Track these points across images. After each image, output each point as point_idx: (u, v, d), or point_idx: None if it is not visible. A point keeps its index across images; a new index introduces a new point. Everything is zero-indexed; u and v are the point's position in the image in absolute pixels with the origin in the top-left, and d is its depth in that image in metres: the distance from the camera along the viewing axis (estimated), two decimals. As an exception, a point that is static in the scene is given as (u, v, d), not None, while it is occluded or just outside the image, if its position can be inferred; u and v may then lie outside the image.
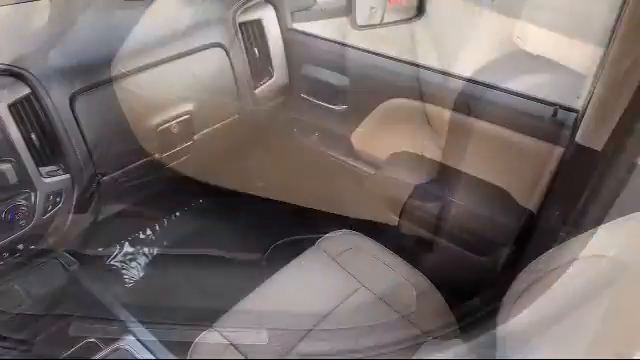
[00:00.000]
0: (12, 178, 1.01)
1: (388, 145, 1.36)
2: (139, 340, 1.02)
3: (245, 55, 1.40)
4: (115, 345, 1.02)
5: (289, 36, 1.50)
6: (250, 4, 1.41)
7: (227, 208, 2.10)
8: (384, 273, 1.23)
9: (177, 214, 2.04)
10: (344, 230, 1.37)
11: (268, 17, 1.44)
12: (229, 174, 1.97)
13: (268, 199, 1.83)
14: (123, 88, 1.18)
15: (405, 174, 1.27)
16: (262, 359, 1.04)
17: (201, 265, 1.92)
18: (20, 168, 1.02)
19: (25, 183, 1.04)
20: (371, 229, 1.37)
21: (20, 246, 1.08)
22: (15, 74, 1.03)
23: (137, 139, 1.23)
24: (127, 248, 1.90)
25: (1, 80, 1.01)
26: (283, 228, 1.81)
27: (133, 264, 1.87)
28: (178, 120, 1.28)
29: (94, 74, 1.14)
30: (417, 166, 1.28)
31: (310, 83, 1.49)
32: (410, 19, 1.47)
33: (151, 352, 1.01)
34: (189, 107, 1.29)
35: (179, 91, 1.28)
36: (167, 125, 1.27)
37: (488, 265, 1.17)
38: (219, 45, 1.34)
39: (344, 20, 1.48)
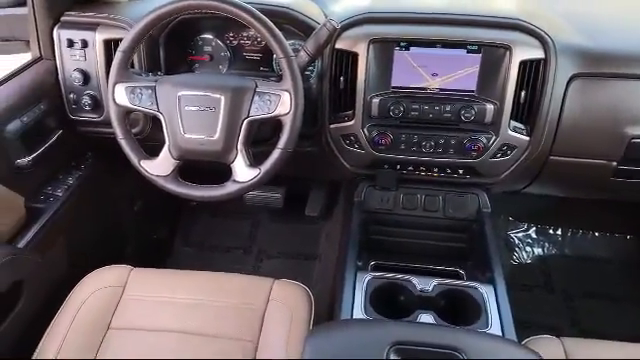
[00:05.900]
0: (488, 118, 1.18)
1: None
2: (495, 291, 1.09)
3: None
4: (471, 284, 1.12)
5: None
6: None
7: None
8: None
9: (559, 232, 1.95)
10: None
11: None
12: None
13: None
14: (622, 88, 1.18)
15: None
16: None
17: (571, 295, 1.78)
18: (499, 112, 1.17)
19: (494, 125, 1.19)
20: None
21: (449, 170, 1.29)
22: (538, 36, 1.15)
23: (600, 141, 1.21)
24: (532, 232, 1.95)
25: (523, 37, 1.16)
26: None
27: (527, 248, 1.92)
28: None
29: (602, 64, 1.17)
30: None
31: None
32: None
33: (499, 310, 1.06)
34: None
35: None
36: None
37: None
38: None
39: None
